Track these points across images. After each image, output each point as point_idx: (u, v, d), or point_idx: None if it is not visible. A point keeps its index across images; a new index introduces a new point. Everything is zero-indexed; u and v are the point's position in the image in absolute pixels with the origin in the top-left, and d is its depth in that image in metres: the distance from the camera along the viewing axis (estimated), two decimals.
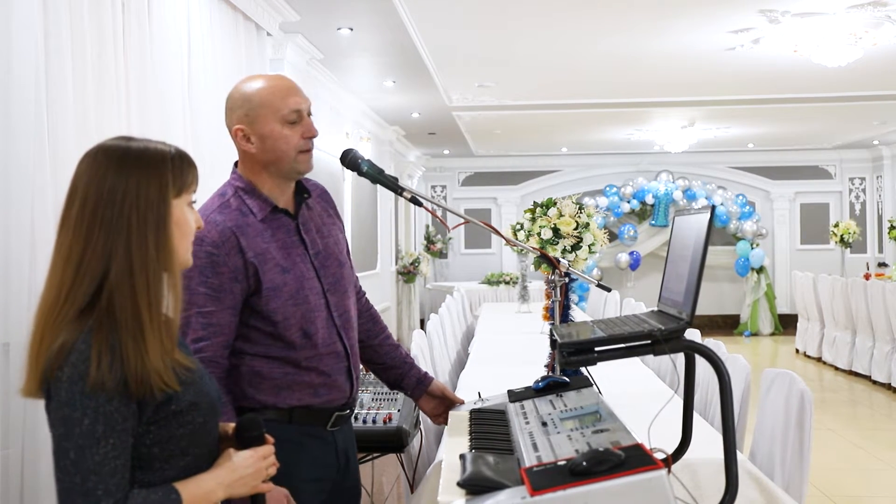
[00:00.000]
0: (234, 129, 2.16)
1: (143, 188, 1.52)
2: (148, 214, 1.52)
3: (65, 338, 1.46)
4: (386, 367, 2.56)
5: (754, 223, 13.64)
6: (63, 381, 1.44)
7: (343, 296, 2.30)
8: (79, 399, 1.43)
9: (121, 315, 1.47)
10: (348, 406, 2.31)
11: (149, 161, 1.55)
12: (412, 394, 2.56)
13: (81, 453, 1.42)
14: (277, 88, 2.16)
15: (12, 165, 2.48)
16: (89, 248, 1.49)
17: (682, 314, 1.79)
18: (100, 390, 1.43)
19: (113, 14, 3.03)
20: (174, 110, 3.58)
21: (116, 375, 1.44)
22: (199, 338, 2.07)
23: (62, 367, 1.44)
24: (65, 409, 1.43)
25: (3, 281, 2.41)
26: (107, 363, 1.44)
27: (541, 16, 5.95)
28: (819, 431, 6.51)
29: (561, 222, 3.56)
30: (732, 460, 1.73)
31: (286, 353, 2.16)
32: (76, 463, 1.42)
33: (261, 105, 2.13)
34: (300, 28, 5.69)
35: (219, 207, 2.15)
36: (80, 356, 1.44)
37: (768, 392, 3.11)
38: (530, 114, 10.00)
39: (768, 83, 8.34)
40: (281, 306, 2.14)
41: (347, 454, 2.34)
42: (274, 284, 2.13)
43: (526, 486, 1.51)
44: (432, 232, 14.21)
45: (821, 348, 10.33)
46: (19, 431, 2.49)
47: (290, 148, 2.15)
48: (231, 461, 1.62)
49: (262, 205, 2.18)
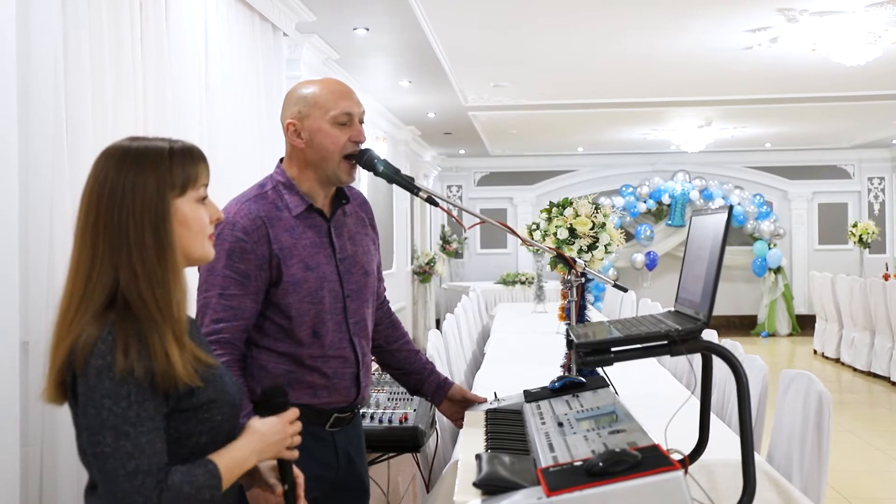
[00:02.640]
0: (286, 122, 2.24)
1: (138, 189, 1.52)
2: (145, 216, 1.51)
3: (88, 332, 1.46)
4: (405, 372, 2.58)
5: (772, 223, 13.57)
6: (91, 373, 1.44)
7: (363, 304, 2.33)
8: (109, 387, 1.44)
9: (138, 314, 1.48)
10: (351, 409, 2.33)
11: (145, 160, 1.54)
12: (433, 399, 2.58)
13: (119, 438, 1.43)
14: (333, 90, 2.24)
15: (31, 167, 2.50)
16: (97, 259, 1.50)
17: (699, 315, 1.78)
18: (129, 376, 1.44)
19: (131, 16, 3.04)
20: (191, 111, 3.59)
21: (144, 364, 1.45)
22: (219, 319, 2.11)
23: (88, 359, 1.45)
24: (96, 399, 1.44)
25: (22, 281, 2.42)
26: (135, 351, 1.45)
27: (557, 16, 5.94)
28: (837, 433, 6.46)
29: (577, 222, 3.55)
30: (750, 461, 1.72)
31: (293, 350, 2.19)
32: (115, 448, 1.43)
33: (314, 104, 2.21)
34: (316, 28, 5.70)
35: (255, 197, 2.21)
36: (106, 346, 1.45)
37: (786, 393, 3.10)
38: (546, 113, 9.98)
39: (786, 82, 8.30)
40: (296, 302, 2.17)
41: (350, 455, 2.34)
42: (294, 280, 2.17)
43: (542, 487, 1.51)
44: (448, 232, 14.20)
45: (839, 349, 10.26)
46: (38, 429, 2.51)
47: (337, 148, 2.21)
48: (259, 429, 1.63)
49: (299, 202, 2.23)
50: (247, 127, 4.36)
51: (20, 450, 2.36)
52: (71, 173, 2.62)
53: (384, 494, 3.92)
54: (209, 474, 1.51)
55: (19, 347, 2.38)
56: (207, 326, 2.11)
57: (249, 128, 4.40)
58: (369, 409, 3.07)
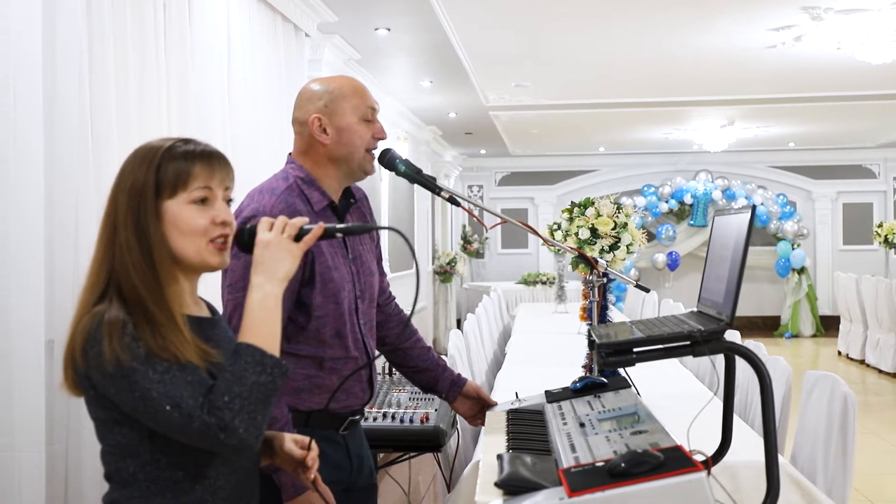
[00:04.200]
0: (310, 118, 2.19)
1: (127, 189, 1.56)
2: (129, 216, 1.54)
3: (83, 324, 1.50)
4: (418, 370, 2.56)
5: (795, 223, 13.46)
6: (93, 365, 1.47)
7: (370, 305, 2.33)
8: (110, 374, 1.46)
9: (132, 304, 1.51)
10: (361, 411, 2.34)
11: (138, 160, 1.57)
12: (447, 396, 2.57)
13: (159, 396, 1.45)
14: (357, 86, 2.24)
15: (56, 168, 2.53)
16: (101, 254, 1.56)
17: (721, 315, 1.77)
18: (120, 363, 1.46)
19: (154, 18, 3.07)
20: (214, 112, 3.62)
21: (132, 346, 1.47)
22: None
23: (84, 350, 1.48)
24: (118, 382, 1.46)
25: (47, 280, 2.45)
26: (118, 340, 1.46)
27: (579, 16, 5.93)
28: (862, 435, 6.40)
29: (599, 222, 3.54)
30: (773, 463, 1.71)
31: (314, 351, 2.17)
32: (161, 401, 1.45)
33: (342, 98, 2.19)
34: (338, 29, 5.72)
35: (286, 189, 2.17)
36: (96, 336, 1.47)
37: (810, 395, 3.07)
38: (567, 113, 9.95)
39: (810, 81, 8.23)
40: (324, 302, 2.16)
41: (361, 456, 2.35)
42: (324, 278, 2.16)
43: (564, 487, 1.51)
44: (469, 232, 14.20)
45: (864, 350, 10.17)
46: (63, 427, 2.53)
47: (363, 144, 2.21)
48: (255, 258, 1.61)
49: (321, 198, 2.21)
50: (269, 128, 4.38)
51: (45, 447, 2.38)
52: (95, 174, 2.64)
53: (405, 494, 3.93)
54: (239, 353, 1.51)
55: (44, 346, 2.40)
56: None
57: (271, 129, 4.42)
58: (390, 409, 3.08)
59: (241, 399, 1.46)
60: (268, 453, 1.80)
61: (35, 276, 2.36)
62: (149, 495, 1.54)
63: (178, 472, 1.54)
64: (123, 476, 1.55)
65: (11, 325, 2.32)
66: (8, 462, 2.29)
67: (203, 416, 1.44)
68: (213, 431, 1.44)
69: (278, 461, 1.80)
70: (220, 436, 1.44)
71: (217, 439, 1.45)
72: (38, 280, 2.37)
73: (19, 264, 2.32)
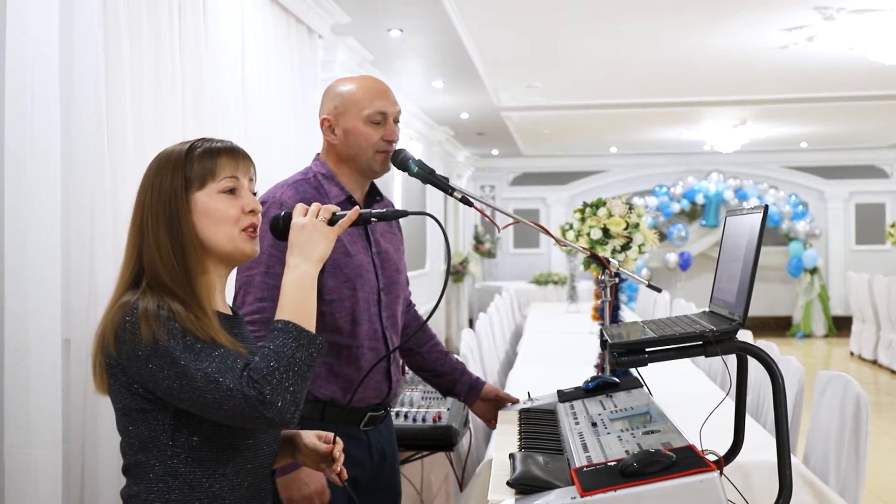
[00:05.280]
0: (321, 118, 2.28)
1: (156, 189, 1.60)
2: (160, 214, 1.58)
3: (118, 310, 1.54)
4: (437, 374, 2.60)
5: (807, 223, 13.41)
6: (126, 347, 1.50)
7: (395, 300, 2.36)
8: (145, 355, 1.48)
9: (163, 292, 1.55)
10: (383, 407, 2.35)
11: (166, 162, 1.62)
12: (465, 399, 2.60)
13: (197, 372, 1.47)
14: (369, 89, 2.27)
15: (73, 169, 2.55)
16: (131, 253, 1.60)
17: (734, 315, 1.77)
18: (152, 340, 1.48)
19: (170, 20, 3.09)
20: (228, 114, 3.63)
21: (169, 326, 1.50)
22: (262, 297, 2.13)
23: (118, 336, 1.51)
24: (156, 361, 1.48)
25: (64, 280, 2.47)
26: (156, 320, 1.49)
27: (591, 17, 5.93)
28: (874, 436, 6.36)
29: (611, 222, 3.54)
30: (786, 463, 1.71)
31: (331, 338, 2.19)
32: (200, 376, 1.47)
33: (350, 101, 2.25)
34: (351, 30, 5.73)
35: (300, 181, 2.27)
36: (132, 320, 1.50)
37: (822, 395, 3.07)
38: (579, 114, 9.95)
39: (822, 81, 8.20)
40: (337, 286, 2.19)
41: (383, 453, 2.36)
42: (336, 263, 2.20)
43: (576, 487, 1.52)
44: (481, 232, 14.20)
45: (876, 351, 10.12)
46: (80, 425, 2.55)
47: (369, 146, 2.25)
48: (291, 242, 1.67)
49: (339, 192, 2.27)
50: (282, 129, 4.40)
51: (62, 445, 2.40)
52: (111, 177, 2.66)
53: (417, 493, 3.94)
54: (277, 329, 1.55)
55: (61, 345, 2.43)
56: (251, 305, 2.13)
57: (285, 130, 4.44)
58: (403, 408, 3.09)
59: (280, 373, 1.48)
60: (288, 452, 1.82)
61: (51, 276, 2.38)
62: (167, 490, 1.56)
63: (198, 468, 1.56)
64: (142, 469, 1.57)
65: (28, 325, 2.33)
66: (25, 459, 2.31)
67: (243, 389, 1.46)
68: (253, 404, 1.45)
69: (301, 458, 1.82)
70: (260, 408, 1.46)
71: (256, 412, 1.46)
72: (54, 280, 2.39)
73: (36, 264, 2.34)
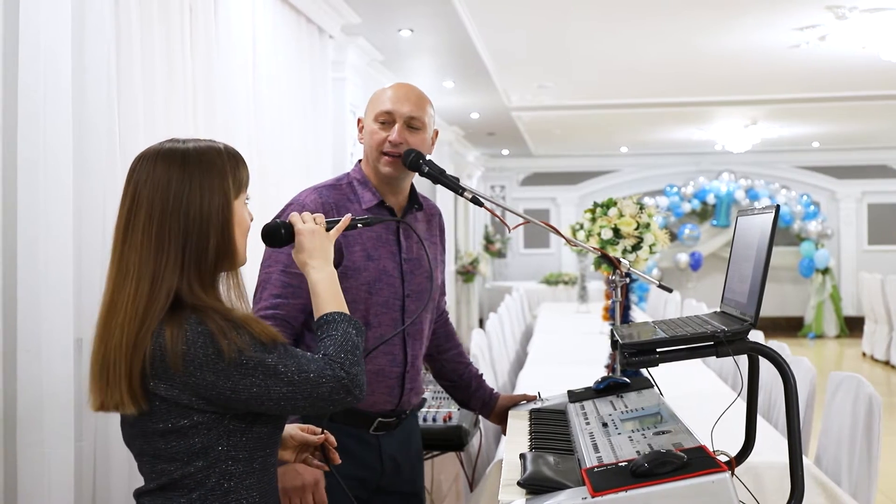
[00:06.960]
0: (358, 119, 2.39)
1: (205, 193, 1.55)
2: (212, 219, 1.55)
3: (170, 331, 1.48)
4: (454, 385, 2.61)
5: (819, 223, 13.36)
6: (201, 364, 1.48)
7: (421, 307, 2.33)
8: (226, 368, 1.48)
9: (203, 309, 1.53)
10: (395, 414, 2.32)
11: (209, 164, 1.57)
12: (480, 412, 2.63)
13: (286, 370, 1.50)
14: (387, 91, 2.32)
15: (85, 169, 2.56)
16: (161, 261, 1.51)
17: (745, 315, 1.77)
18: (237, 351, 1.49)
19: (181, 21, 3.10)
20: (239, 113, 3.65)
21: (239, 334, 1.50)
22: (278, 294, 2.14)
23: (187, 355, 1.47)
24: (239, 371, 1.48)
25: (76, 279, 2.48)
26: (229, 330, 1.49)
27: (601, 17, 5.92)
28: (887, 437, 6.32)
29: (621, 222, 3.53)
30: (798, 464, 1.70)
31: None
32: (289, 374, 1.51)
33: (370, 101, 2.33)
34: (361, 30, 5.74)
35: (328, 186, 2.31)
36: (204, 338, 1.48)
37: (834, 396, 3.06)
38: (590, 114, 9.93)
39: (834, 81, 8.16)
40: (353, 287, 2.18)
41: (396, 460, 2.34)
42: (354, 265, 2.21)
43: (587, 487, 1.51)
44: (491, 232, 14.20)
45: (889, 351, 10.07)
46: (92, 424, 2.57)
47: (374, 143, 2.28)
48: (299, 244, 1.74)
49: (372, 197, 2.30)
50: (293, 128, 4.41)
51: (74, 444, 2.41)
52: (123, 177, 2.67)
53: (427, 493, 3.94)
54: (328, 320, 1.62)
55: (73, 344, 2.44)
56: (266, 300, 2.14)
57: (295, 129, 4.45)
58: None
59: (353, 354, 1.58)
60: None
61: (64, 275, 2.39)
62: (220, 493, 1.54)
63: (247, 467, 1.57)
64: (195, 479, 1.54)
65: (41, 324, 2.35)
66: (37, 458, 2.32)
67: (333, 373, 1.53)
68: (344, 384, 1.53)
69: (286, 453, 1.82)
70: (351, 388, 1.54)
71: (345, 392, 1.53)
72: (66, 279, 2.40)
73: (48, 264, 2.35)
